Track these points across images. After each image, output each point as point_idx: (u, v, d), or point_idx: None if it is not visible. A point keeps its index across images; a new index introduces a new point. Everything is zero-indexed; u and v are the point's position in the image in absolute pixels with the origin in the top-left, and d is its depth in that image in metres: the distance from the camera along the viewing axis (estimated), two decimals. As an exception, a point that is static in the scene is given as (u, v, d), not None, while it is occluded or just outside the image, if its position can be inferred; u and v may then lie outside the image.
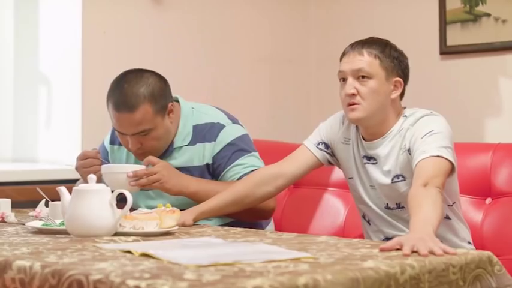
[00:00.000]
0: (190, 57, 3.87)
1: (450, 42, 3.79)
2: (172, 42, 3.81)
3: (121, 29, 3.69)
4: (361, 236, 2.83)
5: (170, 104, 2.86)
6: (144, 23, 3.76)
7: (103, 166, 2.78)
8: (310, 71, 4.33)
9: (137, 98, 2.77)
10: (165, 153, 2.92)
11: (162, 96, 2.83)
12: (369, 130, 2.67)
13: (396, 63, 2.64)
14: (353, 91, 2.59)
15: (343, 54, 2.67)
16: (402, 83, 2.65)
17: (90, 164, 2.83)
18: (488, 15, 3.67)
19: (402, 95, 2.68)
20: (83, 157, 2.86)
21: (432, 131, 2.53)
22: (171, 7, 3.83)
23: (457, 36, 3.76)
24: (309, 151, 2.79)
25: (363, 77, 2.60)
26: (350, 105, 2.61)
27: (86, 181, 2.78)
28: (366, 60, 2.61)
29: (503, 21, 3.63)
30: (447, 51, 3.80)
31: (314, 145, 2.80)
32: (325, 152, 2.79)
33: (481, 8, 3.69)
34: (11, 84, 3.86)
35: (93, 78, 3.57)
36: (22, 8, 3.83)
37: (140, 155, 2.87)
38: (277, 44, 4.25)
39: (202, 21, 3.96)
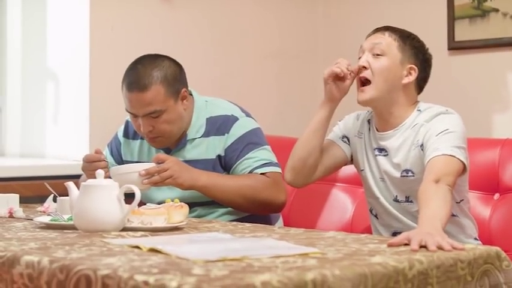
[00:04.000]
0: (198, 53, 3.87)
1: (458, 37, 3.78)
2: (180, 38, 3.81)
3: (129, 25, 3.68)
4: (369, 231, 2.83)
5: (184, 90, 2.86)
6: (152, 18, 3.76)
7: (112, 168, 2.72)
8: (318, 67, 4.31)
9: (150, 78, 2.78)
10: (179, 145, 2.92)
11: (176, 80, 2.84)
12: (381, 117, 2.69)
13: (414, 51, 2.69)
14: (365, 64, 2.65)
15: (368, 35, 2.73)
16: (416, 70, 2.67)
17: (96, 167, 2.80)
18: (496, 10, 3.66)
19: (420, 89, 2.71)
20: (87, 160, 2.83)
21: (447, 129, 2.54)
22: (179, 3, 3.83)
23: (465, 31, 3.76)
24: (335, 144, 2.82)
25: (378, 55, 2.65)
26: (361, 81, 2.66)
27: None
28: (385, 39, 2.67)
29: (512, 16, 3.63)
30: (455, 46, 3.79)
31: (340, 139, 2.82)
32: (348, 145, 2.81)
33: (489, 4, 3.68)
34: (19, 80, 3.87)
35: (101, 74, 3.57)
36: (30, 3, 3.83)
37: (153, 140, 2.87)
38: (285, 40, 4.25)
39: (210, 18, 3.95)
